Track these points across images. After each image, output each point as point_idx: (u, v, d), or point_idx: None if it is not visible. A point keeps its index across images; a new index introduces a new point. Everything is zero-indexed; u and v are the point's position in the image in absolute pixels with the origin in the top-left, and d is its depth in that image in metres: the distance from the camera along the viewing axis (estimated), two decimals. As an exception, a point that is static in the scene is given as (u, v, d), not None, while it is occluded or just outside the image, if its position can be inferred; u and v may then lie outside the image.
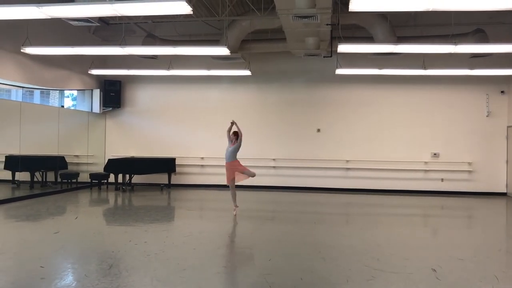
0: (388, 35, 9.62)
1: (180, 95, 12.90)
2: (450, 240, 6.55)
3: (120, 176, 11.76)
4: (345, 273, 4.63)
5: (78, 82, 12.09)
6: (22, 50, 8.87)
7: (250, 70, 11.19)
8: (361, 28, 10.07)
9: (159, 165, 12.18)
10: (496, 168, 11.59)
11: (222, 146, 8.28)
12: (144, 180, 12.48)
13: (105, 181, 12.02)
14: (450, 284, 4.32)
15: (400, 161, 11.80)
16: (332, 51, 9.36)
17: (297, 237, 6.54)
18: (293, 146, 12.30)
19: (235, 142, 8.11)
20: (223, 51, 9.00)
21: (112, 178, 11.79)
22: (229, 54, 9.23)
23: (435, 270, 4.74)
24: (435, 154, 11.81)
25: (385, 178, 11.87)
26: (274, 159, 12.36)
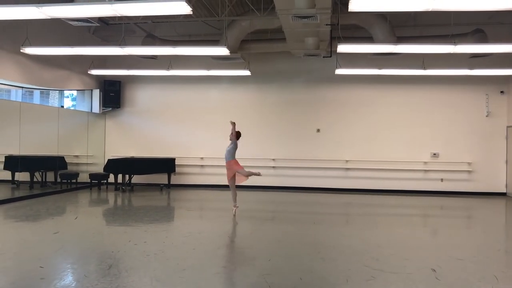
0: (387, 35, 9.63)
1: (180, 95, 12.91)
2: (449, 240, 6.55)
3: (120, 176, 11.76)
4: (345, 273, 4.63)
5: (77, 82, 12.09)
6: (21, 50, 8.88)
7: (249, 70, 11.19)
8: (360, 28, 10.07)
9: (159, 165, 12.18)
10: (496, 168, 11.60)
11: (222, 146, 8.28)
12: (144, 180, 12.49)
13: (105, 181, 12.02)
14: (450, 284, 4.33)
15: (399, 161, 11.80)
16: (331, 51, 9.36)
17: (297, 237, 6.54)
18: (292, 146, 12.30)
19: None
20: (223, 51, 9.00)
21: (111, 178, 11.79)
22: (228, 54, 9.23)
23: (435, 270, 4.75)
24: (434, 154, 11.82)
25: (385, 178, 11.88)
26: (273, 159, 12.36)
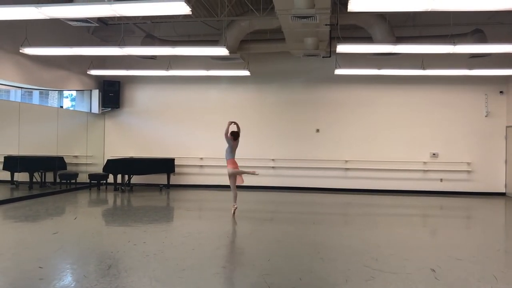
0: (387, 35, 9.63)
1: (179, 95, 12.90)
2: (449, 240, 6.55)
3: (119, 177, 11.75)
4: (344, 273, 4.63)
5: (77, 82, 12.09)
6: (21, 51, 8.86)
7: (249, 71, 11.19)
8: (360, 28, 10.07)
9: (158, 165, 12.17)
10: (495, 168, 11.61)
11: (221, 146, 8.26)
12: (143, 181, 12.48)
13: (104, 181, 12.01)
14: (449, 284, 4.33)
15: (399, 161, 11.81)
16: (331, 51, 9.36)
17: (296, 238, 6.54)
18: (292, 146, 12.30)
19: (234, 143, 8.09)
20: (222, 51, 9.00)
21: (111, 178, 11.78)
22: (228, 54, 9.23)
23: (434, 270, 4.75)
24: (434, 154, 11.83)
25: (384, 178, 11.88)
26: (273, 159, 12.36)
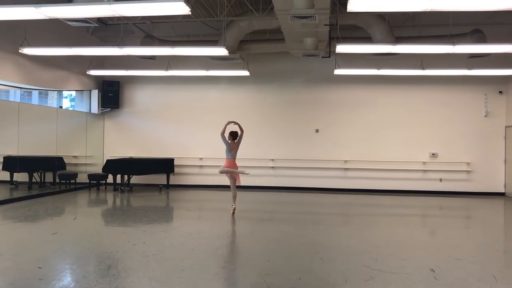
0: (386, 35, 9.63)
1: (179, 95, 12.90)
2: (448, 240, 6.56)
3: (119, 177, 11.76)
4: (344, 273, 4.63)
5: (76, 82, 12.08)
6: (20, 51, 8.86)
7: (248, 71, 11.19)
8: (359, 28, 10.08)
9: (158, 165, 12.16)
10: (494, 168, 11.62)
11: (221, 146, 8.26)
12: (143, 181, 12.48)
13: (104, 181, 12.01)
14: (449, 284, 4.33)
15: (398, 161, 11.82)
16: (330, 52, 9.36)
17: (296, 238, 6.54)
18: (291, 146, 12.30)
19: (232, 143, 8.10)
20: (222, 51, 9.00)
21: (110, 178, 11.77)
22: (227, 54, 9.24)
23: (434, 270, 4.75)
24: (433, 154, 11.83)
25: (384, 178, 11.89)
26: (272, 159, 12.36)
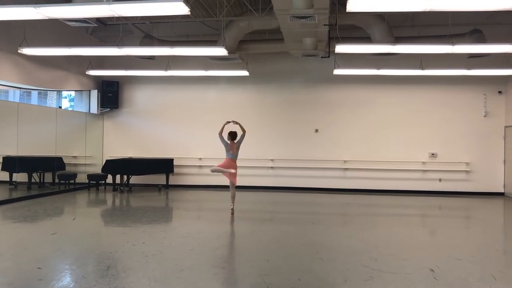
0: (385, 35, 9.64)
1: (178, 95, 12.89)
2: (448, 240, 6.56)
3: (118, 177, 11.74)
4: (343, 273, 4.63)
5: (75, 83, 12.07)
6: (19, 51, 8.84)
7: (248, 71, 11.18)
8: (358, 28, 10.08)
9: (157, 165, 12.16)
10: (494, 168, 11.63)
11: (220, 146, 8.26)
12: (142, 181, 12.47)
13: (103, 182, 12.00)
14: (448, 284, 4.33)
15: (398, 161, 11.82)
16: (329, 52, 9.37)
17: (295, 238, 6.54)
18: (291, 147, 12.30)
19: (231, 143, 8.11)
20: (221, 51, 9.00)
21: (110, 179, 11.76)
22: (226, 54, 9.23)
23: (433, 270, 4.75)
24: (433, 154, 11.84)
25: (383, 178, 11.89)
26: (272, 159, 12.36)
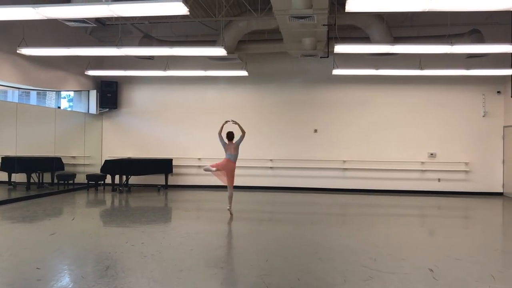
0: (384, 35, 9.65)
1: (177, 95, 12.89)
2: (447, 240, 6.56)
3: (117, 177, 11.73)
4: (342, 273, 4.63)
5: (74, 83, 12.06)
6: (18, 51, 8.83)
7: (247, 71, 11.17)
8: (357, 28, 10.09)
9: (156, 166, 12.15)
10: (493, 168, 11.64)
11: (220, 146, 8.26)
12: (141, 181, 12.46)
13: (102, 182, 11.99)
14: (447, 284, 4.34)
15: (397, 161, 11.82)
16: (328, 52, 9.39)
17: (295, 238, 6.54)
18: (290, 147, 12.30)
19: (229, 143, 8.12)
20: (220, 51, 8.99)
21: (109, 179, 11.75)
22: (226, 54, 9.22)
23: (432, 270, 4.75)
24: (431, 154, 11.84)
25: (382, 178, 11.90)
26: (271, 159, 12.36)
